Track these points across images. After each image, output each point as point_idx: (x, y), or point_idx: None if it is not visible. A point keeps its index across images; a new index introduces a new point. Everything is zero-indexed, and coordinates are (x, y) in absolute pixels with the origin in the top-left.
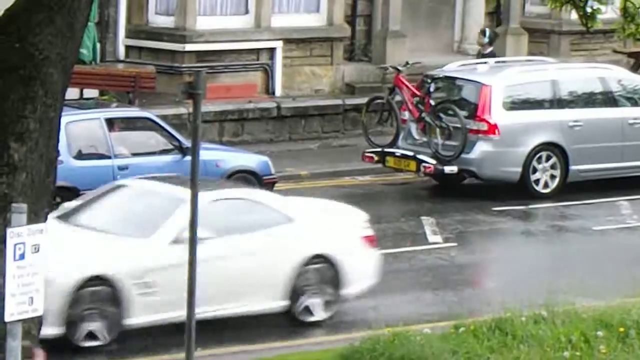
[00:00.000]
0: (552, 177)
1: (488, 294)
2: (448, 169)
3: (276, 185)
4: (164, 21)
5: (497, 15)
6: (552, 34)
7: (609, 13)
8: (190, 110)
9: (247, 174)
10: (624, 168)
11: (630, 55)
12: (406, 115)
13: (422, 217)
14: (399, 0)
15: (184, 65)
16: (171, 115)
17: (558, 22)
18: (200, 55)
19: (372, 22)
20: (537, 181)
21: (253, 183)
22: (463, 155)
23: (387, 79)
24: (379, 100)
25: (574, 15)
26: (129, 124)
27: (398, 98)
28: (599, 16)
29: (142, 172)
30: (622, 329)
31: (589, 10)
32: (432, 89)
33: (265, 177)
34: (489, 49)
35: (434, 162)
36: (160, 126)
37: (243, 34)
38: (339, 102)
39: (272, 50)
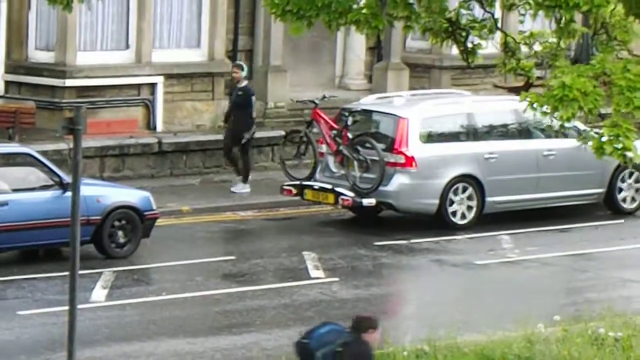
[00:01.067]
0: (469, 208)
1: None
2: (366, 201)
3: (158, 220)
4: (44, 56)
5: (378, 50)
6: (433, 69)
7: (490, 48)
8: (71, 145)
9: (129, 210)
10: (539, 199)
11: (510, 90)
12: (323, 148)
13: (304, 252)
14: (280, 35)
15: (64, 101)
16: (52, 151)
17: (439, 57)
18: (81, 90)
19: (253, 57)
20: (454, 213)
21: (134, 219)
22: (381, 188)
23: (268, 114)
24: (296, 134)
25: (455, 51)
26: (9, 159)
27: (315, 130)
28: (480, 51)
29: (22, 208)
30: None
31: (469, 45)
32: (349, 122)
33: (146, 213)
34: (245, 83)
35: (352, 194)
36: (41, 162)
37: (124, 69)
38: (220, 137)
39: (153, 86)
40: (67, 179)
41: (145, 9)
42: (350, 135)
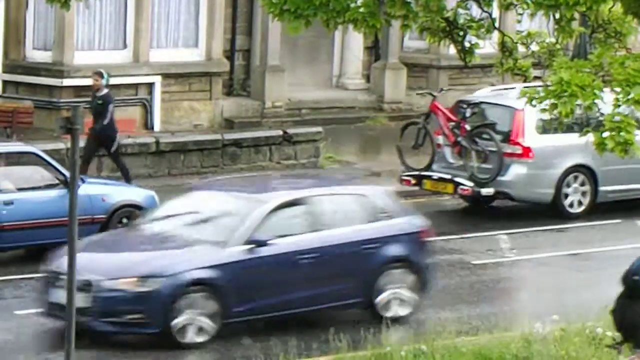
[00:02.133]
0: (583, 197)
1: (367, 328)
2: (485, 191)
3: None
4: (42, 56)
5: (375, 49)
6: (431, 69)
7: (487, 48)
8: (69, 145)
9: (134, 208)
10: None
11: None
12: (440, 139)
13: None
14: (278, 35)
15: (62, 100)
16: (49, 151)
17: (437, 57)
18: (78, 90)
19: (250, 57)
20: (568, 202)
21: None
22: (498, 178)
23: (266, 114)
24: (414, 126)
25: (452, 50)
26: (14, 158)
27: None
28: (477, 51)
29: (27, 207)
30: None
31: (467, 44)
32: (467, 114)
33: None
34: (105, 91)
35: (471, 184)
36: (46, 161)
37: (121, 69)
38: (217, 137)
39: (150, 85)
40: None
41: (142, 9)
42: (468, 127)
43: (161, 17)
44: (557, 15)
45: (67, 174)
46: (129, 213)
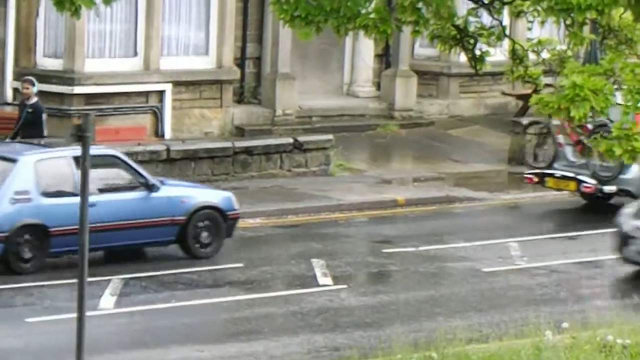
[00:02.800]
0: None
1: (378, 335)
2: (607, 188)
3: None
4: (52, 63)
5: (386, 57)
6: (442, 76)
7: (498, 55)
8: (79, 153)
9: (212, 210)
10: None
11: (518, 97)
12: (561, 138)
13: (313, 259)
14: (289, 42)
15: (72, 108)
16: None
17: (447, 65)
18: (89, 97)
19: (261, 64)
20: None
21: (217, 219)
22: (620, 176)
23: (277, 122)
24: (537, 125)
25: (463, 58)
26: (95, 161)
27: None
28: (488, 58)
29: (109, 208)
30: None
31: (477, 52)
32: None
33: (229, 213)
34: (35, 99)
35: (593, 182)
36: (127, 163)
37: (132, 77)
38: (228, 144)
39: (161, 93)
40: (153, 180)
41: (153, 16)
42: (590, 126)
43: (172, 25)
44: (569, 21)
45: (147, 176)
46: (208, 215)
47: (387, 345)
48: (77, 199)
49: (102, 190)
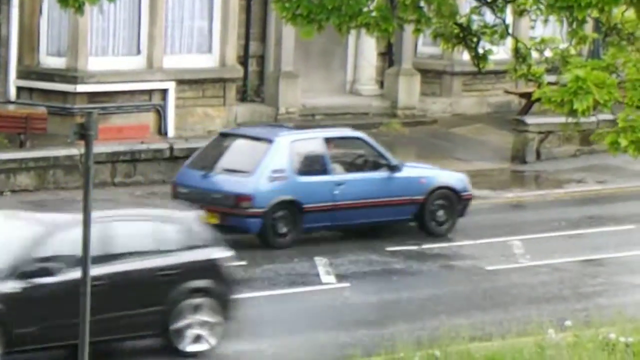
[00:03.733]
0: None
1: (381, 334)
2: None
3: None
4: (55, 62)
5: (389, 55)
6: (445, 75)
7: (501, 54)
8: (82, 151)
9: (448, 190)
10: None
11: (521, 95)
12: None
13: (316, 258)
14: (292, 41)
15: (75, 106)
16: (63, 157)
17: (450, 63)
18: (92, 96)
19: (264, 63)
20: None
21: (452, 199)
22: None
23: (280, 120)
24: None
25: (466, 56)
26: (344, 143)
27: None
28: (491, 57)
29: (356, 187)
30: None
31: (480, 51)
32: None
33: (463, 194)
34: None
35: None
36: (371, 145)
37: (135, 75)
38: None
39: (164, 91)
40: (395, 161)
41: (156, 15)
42: None
43: (175, 23)
44: (570, 19)
45: (390, 158)
46: (444, 195)
47: (390, 343)
48: (328, 177)
49: (348, 170)
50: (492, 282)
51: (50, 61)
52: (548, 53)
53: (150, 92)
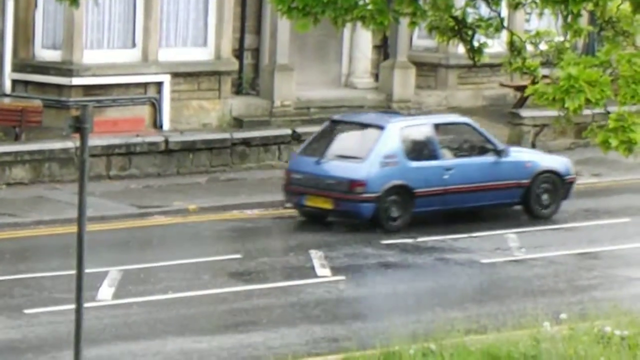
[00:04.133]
0: None
1: (377, 327)
2: None
3: (164, 219)
4: (51, 55)
5: (384, 48)
6: (440, 68)
7: (496, 47)
8: (78, 144)
9: (552, 174)
10: None
11: (517, 88)
12: None
13: (311, 251)
14: (287, 34)
15: (71, 99)
16: (58, 150)
17: (445, 56)
18: (88, 89)
19: (259, 55)
20: None
21: (556, 182)
22: None
23: (275, 113)
24: None
25: (461, 49)
26: (451, 128)
27: None
28: (486, 50)
29: (464, 172)
30: None
31: (476, 44)
32: None
33: (566, 177)
34: None
35: None
36: (477, 130)
37: (130, 68)
38: (227, 135)
39: (159, 84)
40: (502, 146)
41: (151, 8)
42: None
43: (170, 16)
44: (565, 12)
45: (497, 143)
46: (549, 178)
47: (385, 336)
48: (438, 162)
49: (457, 155)
50: (487, 275)
51: (45, 54)
52: (543, 46)
53: (145, 85)
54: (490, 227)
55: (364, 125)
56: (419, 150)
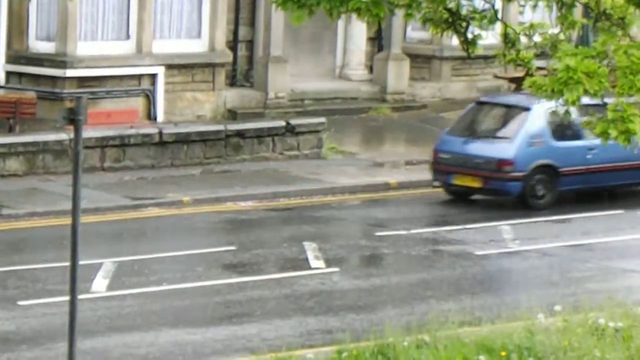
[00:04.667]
0: None
1: (371, 319)
2: None
3: (158, 211)
4: (45, 47)
5: (378, 40)
6: (434, 59)
7: (490, 39)
8: (72, 136)
9: None
10: None
11: (511, 80)
12: None
13: (305, 243)
14: (281, 25)
15: (65, 91)
16: (52, 142)
17: (439, 48)
18: (82, 80)
19: (253, 47)
20: None
21: None
22: None
23: (269, 105)
24: None
25: (455, 41)
26: (594, 110)
27: None
28: (480, 42)
29: (606, 152)
30: (503, 353)
31: (470, 36)
32: None
33: None
34: None
35: None
36: None
37: (124, 60)
38: (221, 127)
39: (153, 76)
40: None
41: (145, 0)
42: None
43: (164, 8)
44: (559, 4)
45: None
46: None
47: (379, 328)
48: (581, 142)
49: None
50: (481, 267)
51: (39, 46)
52: (537, 38)
53: (139, 77)
54: (484, 218)
55: (509, 107)
56: (563, 130)
